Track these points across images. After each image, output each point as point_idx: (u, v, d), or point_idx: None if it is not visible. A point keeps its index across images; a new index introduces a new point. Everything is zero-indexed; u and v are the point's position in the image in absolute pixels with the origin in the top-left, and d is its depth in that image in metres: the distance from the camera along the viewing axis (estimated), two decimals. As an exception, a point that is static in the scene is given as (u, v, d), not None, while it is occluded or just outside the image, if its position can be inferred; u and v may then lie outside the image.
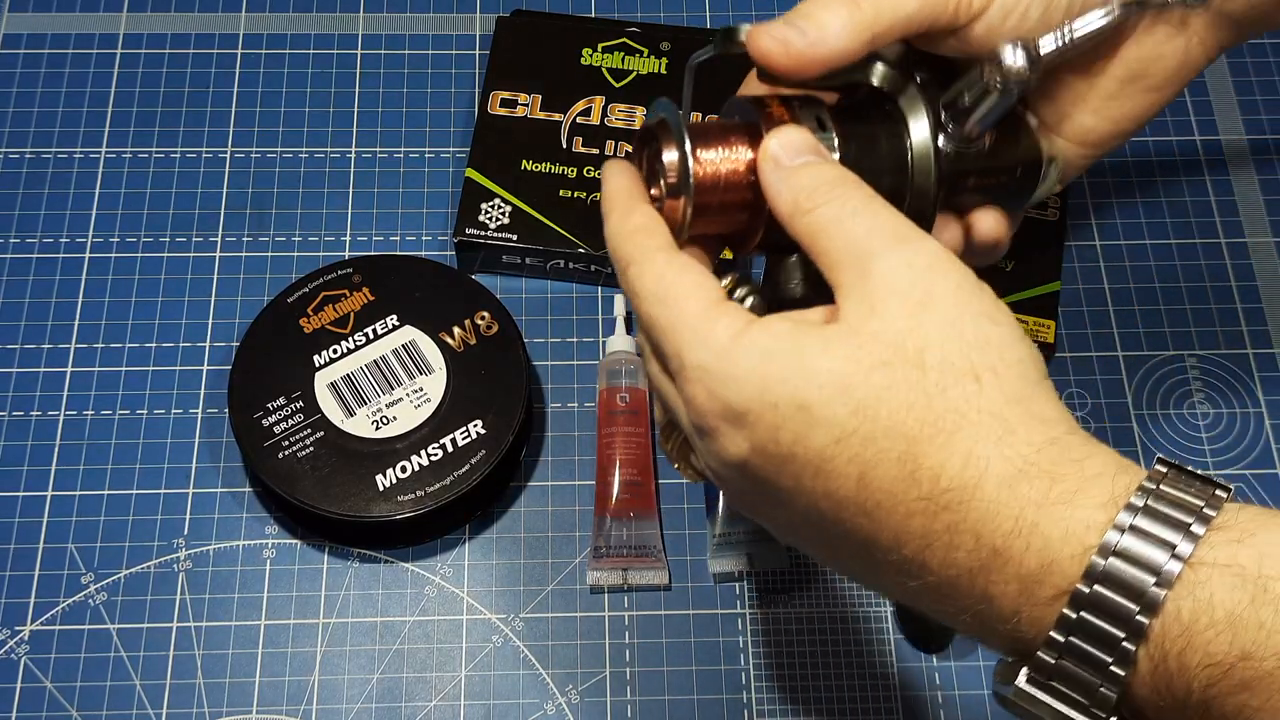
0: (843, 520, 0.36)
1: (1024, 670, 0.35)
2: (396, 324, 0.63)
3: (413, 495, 0.59)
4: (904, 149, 0.43)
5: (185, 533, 0.62)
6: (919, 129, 0.43)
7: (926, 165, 0.43)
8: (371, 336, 0.63)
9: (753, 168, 0.40)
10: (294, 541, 0.62)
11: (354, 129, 0.73)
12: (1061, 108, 0.47)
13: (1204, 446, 0.65)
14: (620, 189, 0.42)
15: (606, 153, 0.68)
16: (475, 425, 0.61)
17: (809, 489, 0.36)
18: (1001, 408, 0.35)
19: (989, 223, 0.46)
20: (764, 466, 0.37)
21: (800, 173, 0.39)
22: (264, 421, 0.60)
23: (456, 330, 0.63)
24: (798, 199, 0.39)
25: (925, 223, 0.43)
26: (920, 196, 0.43)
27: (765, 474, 0.37)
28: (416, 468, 0.60)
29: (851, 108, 0.43)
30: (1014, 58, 0.40)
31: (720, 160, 0.40)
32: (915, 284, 0.36)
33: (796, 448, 0.36)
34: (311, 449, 0.60)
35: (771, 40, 0.41)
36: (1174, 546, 0.32)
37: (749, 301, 0.41)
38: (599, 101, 0.70)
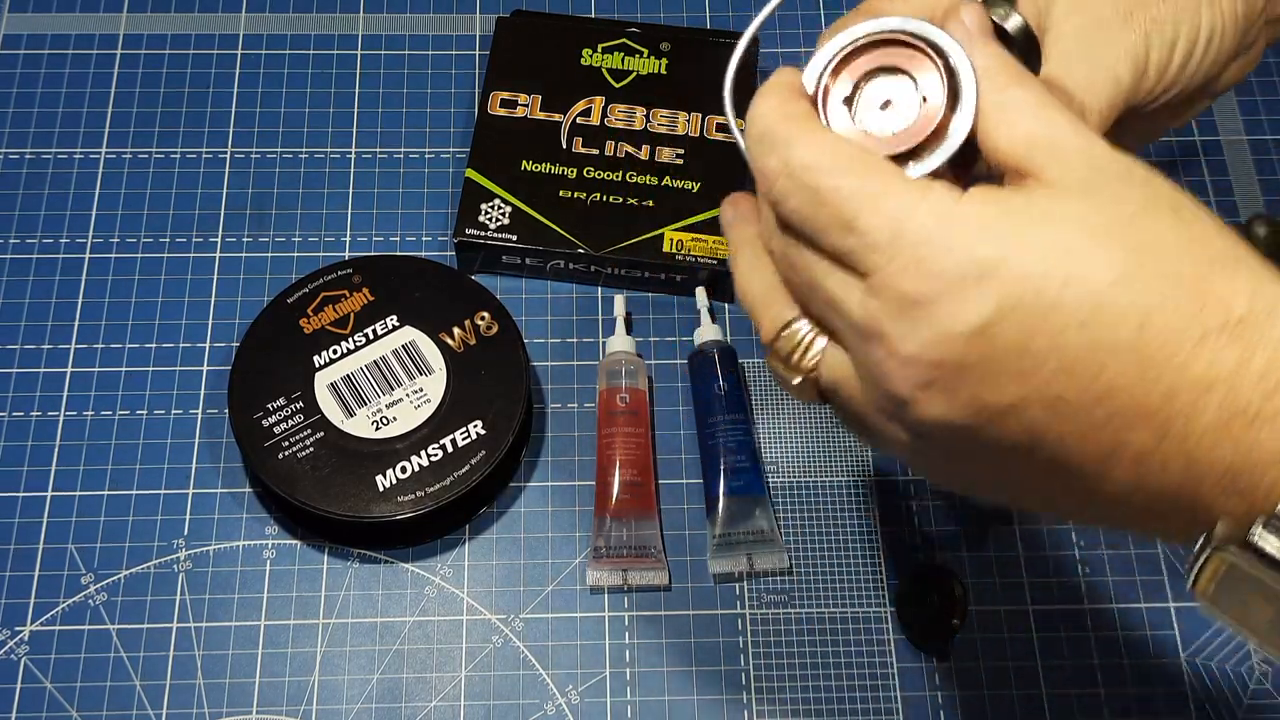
0: (1096, 384, 0.33)
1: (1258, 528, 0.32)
2: (396, 324, 0.63)
3: (412, 496, 0.59)
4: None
5: (185, 533, 0.62)
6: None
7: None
8: (371, 337, 0.63)
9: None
10: (294, 542, 0.62)
11: (354, 129, 0.73)
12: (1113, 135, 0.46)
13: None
14: (785, 83, 0.39)
15: (606, 153, 0.68)
16: (475, 426, 0.61)
17: (1070, 344, 0.33)
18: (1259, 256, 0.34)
19: None
20: (1011, 328, 0.33)
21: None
22: (264, 422, 0.60)
23: (456, 331, 0.63)
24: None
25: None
26: None
27: (1009, 338, 0.33)
28: (416, 468, 0.60)
29: None
30: None
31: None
32: (1124, 158, 0.35)
33: (1066, 293, 0.33)
34: (311, 449, 0.60)
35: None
36: None
37: None
38: (599, 102, 0.70)
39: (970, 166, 0.38)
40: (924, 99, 0.38)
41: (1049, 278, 0.33)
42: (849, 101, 0.38)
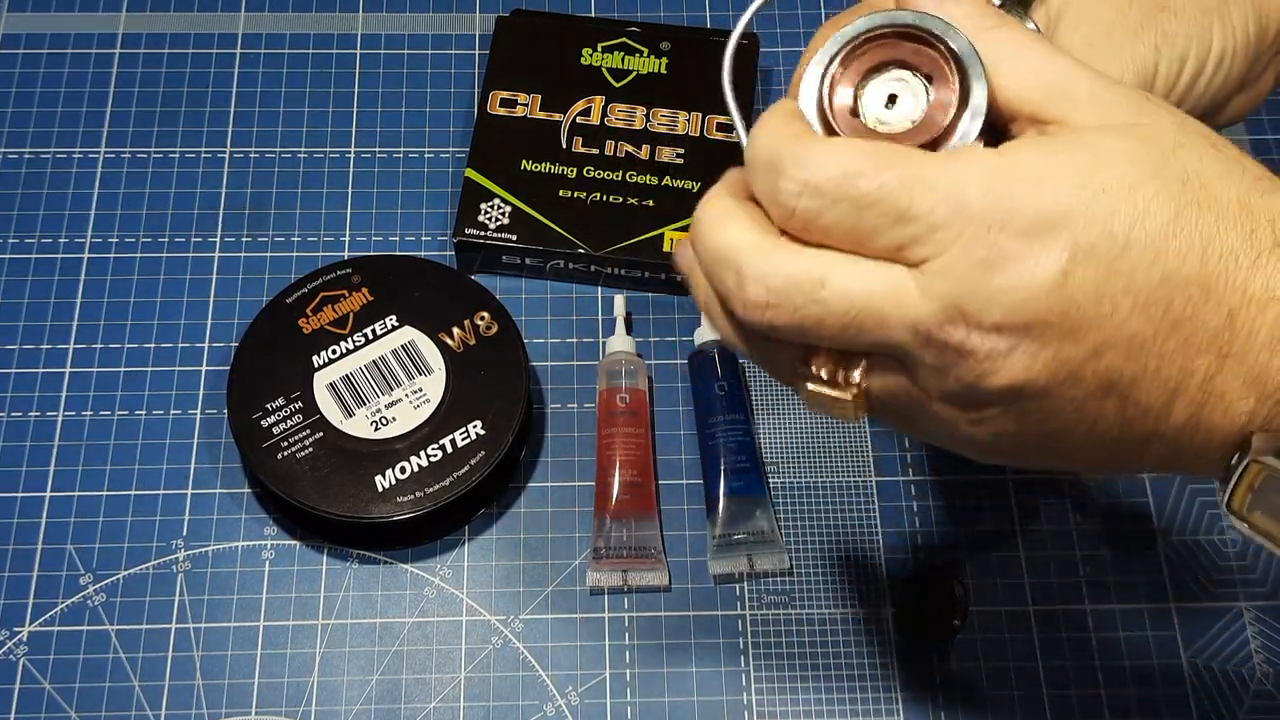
0: (1167, 318, 0.34)
1: None
2: (396, 324, 0.63)
3: (412, 496, 0.59)
4: None
5: (184, 534, 0.61)
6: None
7: None
8: (371, 337, 0.63)
9: None
10: (293, 543, 0.61)
11: (353, 129, 0.72)
12: None
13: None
14: (781, 109, 0.38)
15: (606, 152, 0.68)
16: (475, 426, 0.61)
17: (1142, 283, 0.33)
18: None
19: None
20: (1088, 275, 0.33)
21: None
22: (263, 422, 0.60)
23: (456, 331, 0.63)
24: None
25: None
26: None
27: (1087, 286, 0.33)
28: (416, 469, 0.60)
29: None
30: None
31: None
32: (1145, 95, 0.36)
33: (1135, 232, 0.33)
34: (310, 450, 0.60)
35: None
36: None
37: None
38: (599, 101, 0.70)
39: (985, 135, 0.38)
40: (928, 87, 0.37)
41: (1118, 217, 0.33)
42: (854, 111, 0.38)
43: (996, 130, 0.37)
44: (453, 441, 0.60)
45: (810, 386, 0.38)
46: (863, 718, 0.58)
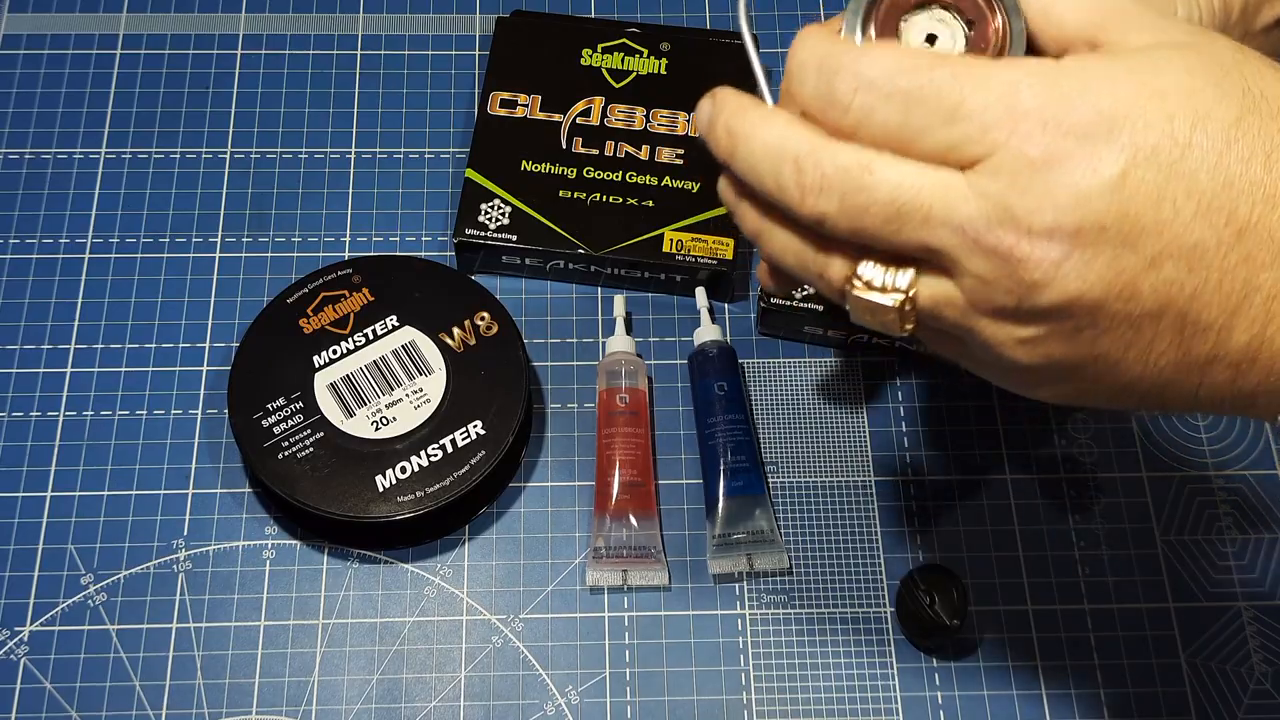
0: (1230, 227, 0.33)
1: None
2: (396, 324, 0.63)
3: (412, 496, 0.59)
4: None
5: (185, 533, 0.61)
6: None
7: None
8: (371, 337, 0.63)
9: None
10: (293, 542, 0.61)
11: (354, 129, 0.73)
12: None
13: (1204, 447, 0.65)
14: (820, 27, 0.38)
15: (606, 153, 0.68)
16: (475, 426, 0.61)
17: (1204, 187, 0.32)
18: None
19: None
20: (1148, 177, 0.32)
21: None
22: (263, 422, 0.60)
23: (456, 331, 0.63)
24: None
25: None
26: None
27: (1146, 189, 0.32)
28: (416, 468, 0.60)
29: None
30: None
31: None
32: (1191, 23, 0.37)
33: (1195, 133, 0.32)
34: (311, 450, 0.60)
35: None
36: None
37: None
38: (599, 102, 0.70)
39: None
40: (966, 26, 0.37)
41: (1178, 119, 0.32)
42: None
43: None
44: (453, 441, 0.60)
45: (857, 292, 0.37)
46: (862, 718, 0.58)
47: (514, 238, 0.66)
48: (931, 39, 0.38)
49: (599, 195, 0.67)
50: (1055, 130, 0.33)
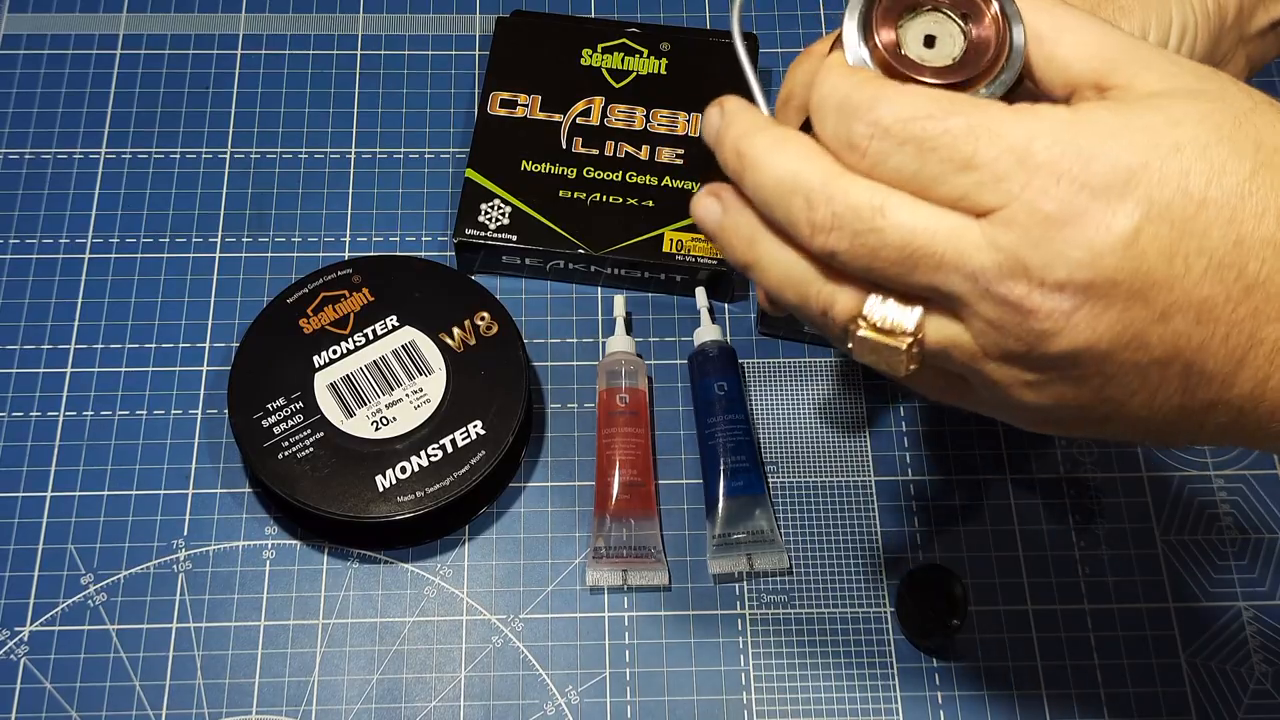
0: (1240, 282, 0.33)
1: None
2: (396, 324, 0.63)
3: (412, 496, 0.59)
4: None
5: (185, 533, 0.62)
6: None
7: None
8: (371, 337, 0.63)
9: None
10: (293, 542, 0.62)
11: (354, 129, 0.73)
12: None
13: (1203, 447, 0.65)
14: (836, 58, 0.38)
15: (606, 153, 0.68)
16: (475, 426, 0.61)
17: (1216, 243, 0.33)
18: None
19: None
20: (1161, 233, 0.33)
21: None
22: (264, 422, 0.60)
23: (456, 331, 0.63)
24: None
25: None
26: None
27: (1159, 244, 0.33)
28: (416, 468, 0.60)
29: None
30: None
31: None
32: (1201, 64, 0.36)
33: (1210, 190, 0.32)
34: (311, 450, 0.60)
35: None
36: None
37: None
38: (599, 102, 0.70)
39: (1016, 90, 0.38)
40: (964, 28, 0.38)
41: (1193, 174, 0.32)
42: (898, 51, 0.38)
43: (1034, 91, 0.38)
44: (453, 441, 0.60)
45: (862, 332, 0.37)
46: (862, 718, 0.58)
47: (514, 238, 0.66)
48: (930, 40, 0.38)
49: (599, 195, 0.67)
50: (1069, 185, 0.33)
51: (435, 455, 0.60)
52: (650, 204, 0.67)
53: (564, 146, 0.69)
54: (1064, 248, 0.33)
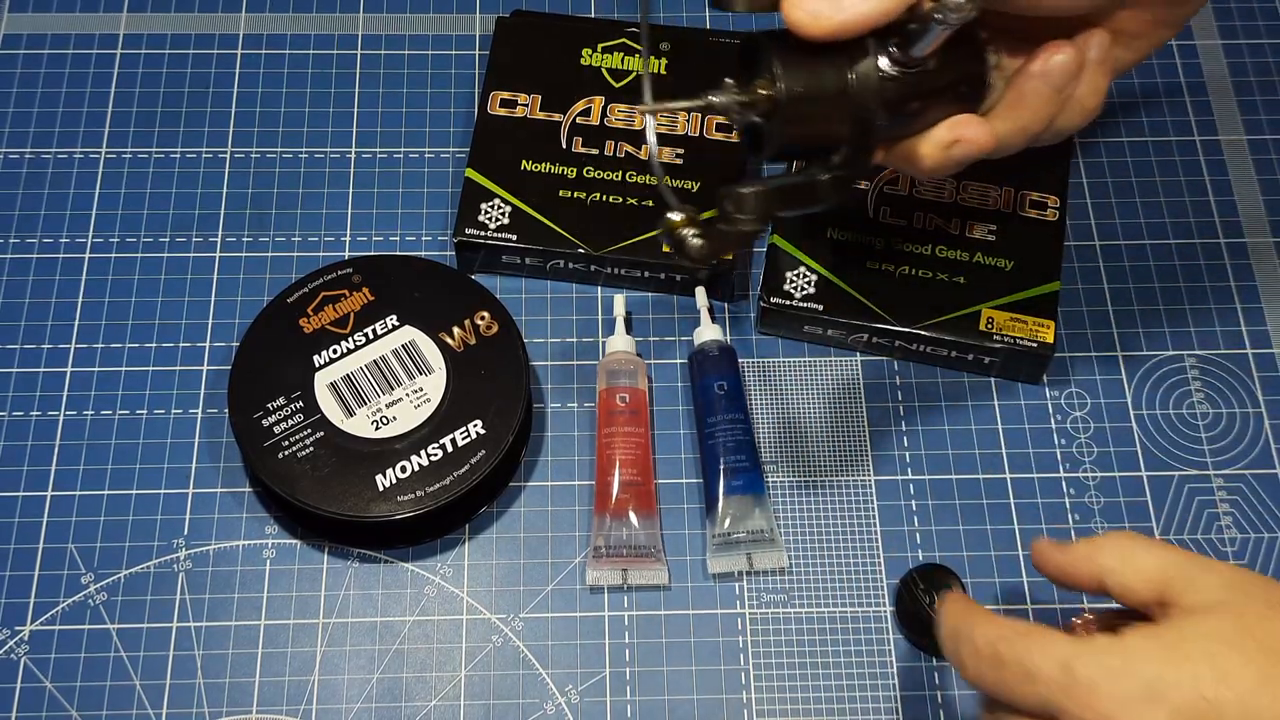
0: None
1: None
2: (396, 324, 0.63)
3: (412, 495, 0.59)
4: (845, 76, 0.46)
5: (185, 533, 0.62)
6: (860, 55, 0.46)
7: (868, 86, 0.46)
8: (371, 336, 0.63)
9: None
10: (294, 542, 0.62)
11: (354, 129, 0.73)
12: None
13: (1203, 447, 0.65)
14: (957, 598, 0.48)
15: (606, 153, 0.68)
16: (475, 425, 0.61)
17: None
18: None
19: (973, 130, 0.48)
20: None
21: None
22: (264, 422, 0.60)
23: (456, 330, 0.63)
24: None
25: (872, 138, 0.47)
26: (863, 114, 0.46)
27: None
28: (416, 468, 0.60)
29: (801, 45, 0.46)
30: None
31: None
32: (1239, 570, 0.44)
33: (1221, 691, 0.39)
34: (311, 449, 0.60)
35: (803, 13, 0.44)
36: None
37: (692, 234, 0.48)
38: (599, 102, 0.70)
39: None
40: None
41: (1207, 686, 0.39)
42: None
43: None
44: (453, 441, 0.60)
45: None
46: (862, 717, 0.58)
47: (514, 237, 0.66)
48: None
49: (599, 195, 0.67)
50: (1105, 696, 0.40)
51: (435, 455, 0.60)
52: (650, 204, 0.67)
53: (564, 146, 0.69)
54: None
